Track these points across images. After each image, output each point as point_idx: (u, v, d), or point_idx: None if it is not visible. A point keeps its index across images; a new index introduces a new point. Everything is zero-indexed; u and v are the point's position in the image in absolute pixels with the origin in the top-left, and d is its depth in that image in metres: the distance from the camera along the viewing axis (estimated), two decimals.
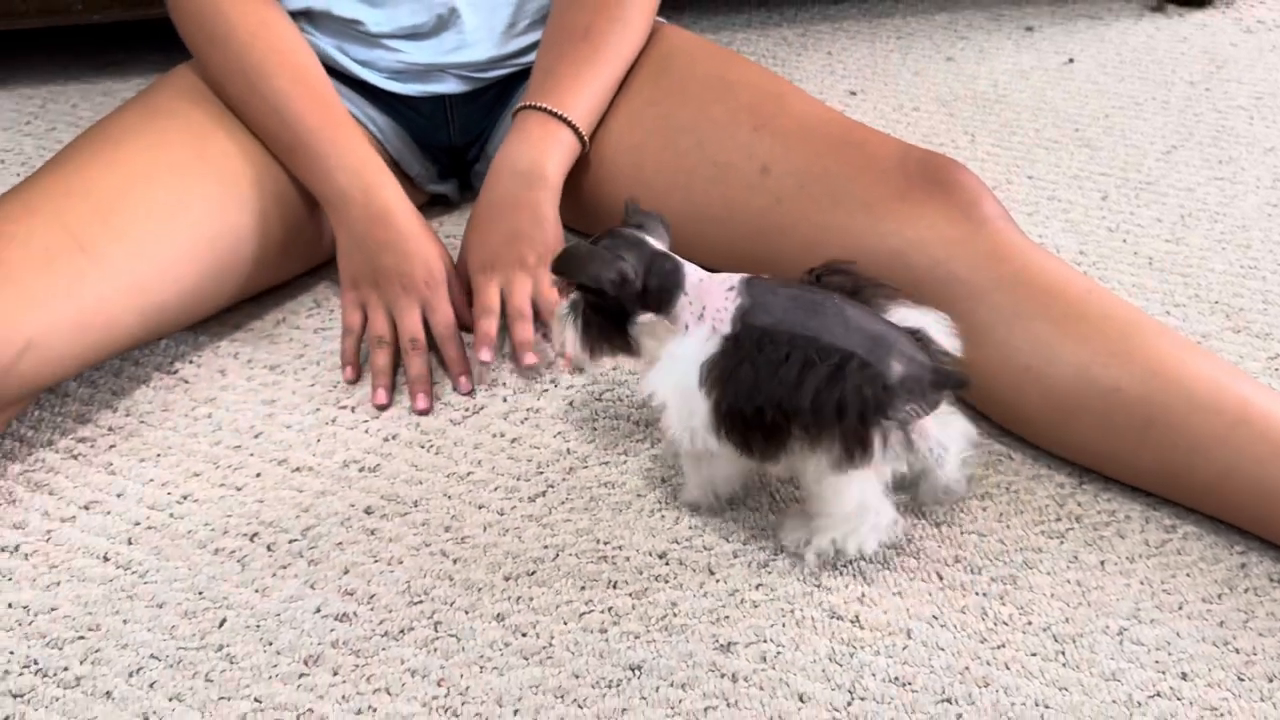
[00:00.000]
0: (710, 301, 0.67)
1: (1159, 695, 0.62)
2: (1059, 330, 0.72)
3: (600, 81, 0.88)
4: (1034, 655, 0.64)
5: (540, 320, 0.84)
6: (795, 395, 0.62)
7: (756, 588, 0.68)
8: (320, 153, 0.83)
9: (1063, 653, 0.64)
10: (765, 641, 0.65)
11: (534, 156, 0.85)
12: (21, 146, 1.16)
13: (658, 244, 0.71)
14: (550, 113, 0.85)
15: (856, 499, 0.64)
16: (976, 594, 0.68)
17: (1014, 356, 0.74)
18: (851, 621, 0.66)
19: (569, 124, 0.85)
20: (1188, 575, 0.69)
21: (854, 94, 1.26)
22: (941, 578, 0.69)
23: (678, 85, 0.90)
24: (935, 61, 1.33)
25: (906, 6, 1.48)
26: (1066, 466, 0.76)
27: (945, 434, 0.66)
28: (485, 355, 0.81)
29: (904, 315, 0.67)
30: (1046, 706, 0.62)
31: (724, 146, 0.85)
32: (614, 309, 0.69)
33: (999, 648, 0.65)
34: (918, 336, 0.65)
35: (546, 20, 0.92)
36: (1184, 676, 0.63)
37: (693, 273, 0.69)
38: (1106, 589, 0.68)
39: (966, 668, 0.64)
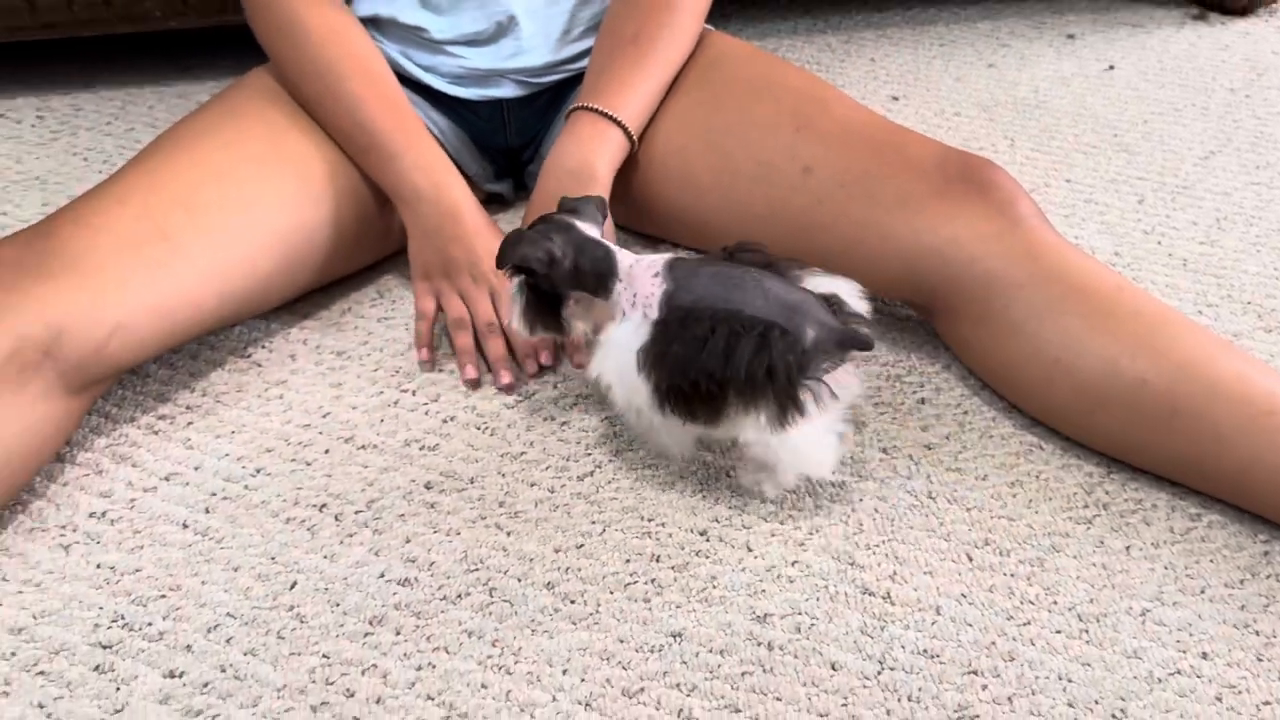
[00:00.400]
0: (640, 288, 0.73)
1: (1179, 673, 0.65)
2: (1089, 325, 0.75)
3: (649, 84, 0.92)
4: (1059, 633, 0.67)
5: None
6: (727, 365, 0.68)
7: (792, 564, 0.72)
8: (394, 153, 0.88)
9: (1086, 631, 0.67)
10: (800, 614, 0.69)
11: (584, 155, 0.88)
12: (103, 145, 1.22)
13: (590, 229, 0.76)
14: (600, 113, 0.89)
15: (817, 442, 0.70)
16: (1004, 574, 0.71)
17: (1045, 350, 0.77)
18: (883, 598, 0.70)
19: (618, 123, 0.89)
20: (1211, 561, 0.71)
21: (896, 99, 1.29)
22: (971, 559, 0.72)
23: (724, 89, 0.93)
24: (977, 68, 1.36)
25: (949, 14, 1.50)
26: (1095, 457, 0.79)
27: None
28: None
29: (818, 283, 0.73)
30: (1069, 680, 0.64)
31: (767, 147, 0.89)
32: (549, 291, 0.75)
33: (1025, 625, 0.68)
34: (831, 302, 0.72)
35: (599, 28, 0.96)
36: (1204, 656, 0.66)
37: (625, 259, 0.75)
38: (1131, 572, 0.71)
39: (993, 643, 0.67)
